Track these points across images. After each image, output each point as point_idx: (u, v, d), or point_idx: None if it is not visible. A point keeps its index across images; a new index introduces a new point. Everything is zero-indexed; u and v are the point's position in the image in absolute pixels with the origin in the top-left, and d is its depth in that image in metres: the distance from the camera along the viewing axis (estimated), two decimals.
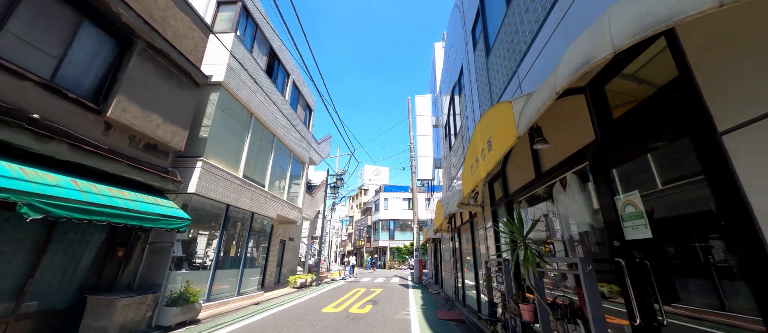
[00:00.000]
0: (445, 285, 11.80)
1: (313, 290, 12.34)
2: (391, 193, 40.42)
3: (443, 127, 11.69)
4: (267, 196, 10.40)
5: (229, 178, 8.20)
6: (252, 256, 10.17)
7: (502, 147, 2.57)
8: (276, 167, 11.48)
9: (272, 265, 12.79)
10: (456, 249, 9.28)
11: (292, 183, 13.14)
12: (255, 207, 9.55)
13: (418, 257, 17.11)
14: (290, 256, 15.56)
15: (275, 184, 11.41)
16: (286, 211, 11.98)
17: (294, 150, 12.90)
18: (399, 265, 34.53)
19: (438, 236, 12.84)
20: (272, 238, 12.82)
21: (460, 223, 8.09)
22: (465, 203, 5.52)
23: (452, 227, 9.60)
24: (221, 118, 8.10)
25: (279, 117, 11.26)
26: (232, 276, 8.60)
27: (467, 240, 7.46)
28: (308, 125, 15.34)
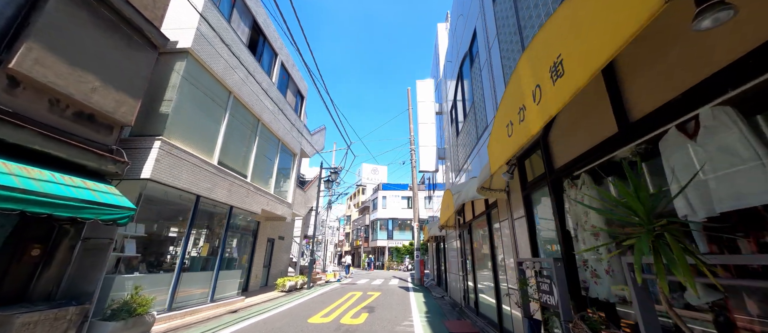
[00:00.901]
0: (450, 288, 10.59)
1: (303, 294, 11.10)
2: (390, 191, 39.19)
3: (449, 112, 10.49)
4: (250, 188, 9.14)
5: (200, 164, 6.95)
6: (231, 256, 8.91)
7: (608, 48, 1.34)
8: (261, 157, 10.23)
9: (258, 267, 11.53)
10: (465, 248, 8.06)
11: (281, 176, 11.89)
12: (234, 200, 8.30)
13: (418, 257, 15.89)
14: (280, 256, 14.30)
15: (260, 175, 10.16)
16: (274, 206, 10.73)
17: (283, 139, 11.65)
18: (398, 266, 33.29)
19: (442, 234, 11.63)
20: (258, 236, 11.57)
21: (472, 218, 6.88)
22: (487, 187, 4.30)
23: (460, 223, 8.39)
24: (190, 94, 6.85)
25: (265, 100, 10.01)
26: (204, 280, 7.34)
27: (482, 237, 6.25)
28: (300, 113, 14.09)
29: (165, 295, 6.11)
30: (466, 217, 7.61)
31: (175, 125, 6.36)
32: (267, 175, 10.69)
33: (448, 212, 6.62)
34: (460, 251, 8.41)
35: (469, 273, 7.53)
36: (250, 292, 10.64)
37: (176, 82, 6.43)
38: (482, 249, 6.31)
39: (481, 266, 6.37)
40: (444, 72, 11.96)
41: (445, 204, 7.10)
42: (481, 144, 5.98)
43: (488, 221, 5.61)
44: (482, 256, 6.30)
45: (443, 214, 7.64)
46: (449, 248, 10.80)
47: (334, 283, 15.82)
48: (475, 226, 6.94)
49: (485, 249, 6.12)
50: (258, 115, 9.70)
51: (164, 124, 6.09)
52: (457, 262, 9.03)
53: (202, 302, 7.16)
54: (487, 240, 5.78)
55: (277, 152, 11.37)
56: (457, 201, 5.61)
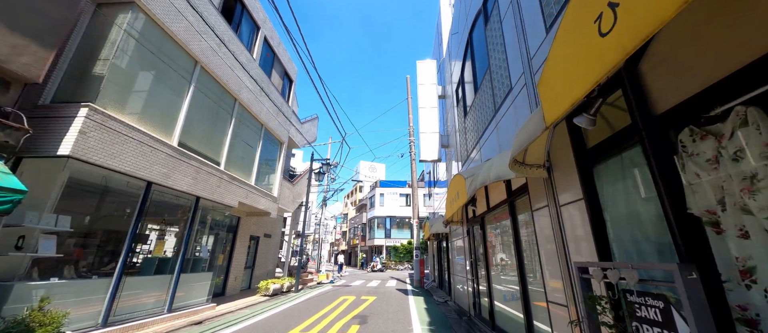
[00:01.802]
0: (455, 293, 9.34)
1: (289, 299, 9.81)
2: (388, 188, 37.94)
3: (454, 93, 9.22)
4: (223, 177, 7.84)
5: (152, 143, 5.64)
6: (199, 256, 7.61)
7: None
8: (239, 142, 8.92)
9: (238, 268, 10.23)
10: (474, 247, 6.81)
11: (264, 166, 10.59)
12: (202, 190, 7.00)
13: (418, 257, 14.63)
14: (267, 255, 13.01)
15: (238, 164, 8.86)
16: (254, 199, 9.43)
17: (267, 124, 10.35)
18: (395, 265, 32.06)
19: (445, 231, 10.38)
20: (239, 233, 10.27)
21: (486, 210, 5.62)
22: (521, 161, 3.04)
23: (468, 218, 7.13)
24: (138, 55, 5.54)
25: (243, 77, 8.70)
26: (160, 285, 6.04)
27: (502, 232, 4.99)
28: (288, 98, 12.78)
29: (98, 307, 4.80)
30: (477, 211, 6.34)
31: (114, 92, 5.05)
32: (247, 164, 9.39)
33: (457, 203, 5.36)
34: (469, 251, 7.15)
35: (481, 277, 6.28)
36: (227, 297, 9.35)
37: (117, 39, 5.11)
38: (501, 247, 5.04)
39: (501, 269, 5.11)
40: (448, 49, 10.68)
41: (452, 193, 5.83)
42: (501, 115, 4.72)
43: (511, 212, 4.34)
44: (502, 256, 5.04)
45: (449, 207, 6.37)
46: (454, 247, 9.55)
47: (327, 285, 14.54)
48: (490, 220, 5.67)
49: (505, 248, 4.86)
50: (234, 93, 8.39)
51: (97, 88, 4.78)
52: (464, 264, 7.77)
53: (156, 312, 5.86)
54: (510, 236, 4.52)
55: (259, 139, 10.06)
56: (471, 187, 4.34)
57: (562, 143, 2.93)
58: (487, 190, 5.59)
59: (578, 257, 2.67)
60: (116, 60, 5.05)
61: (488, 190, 5.58)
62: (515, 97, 4.12)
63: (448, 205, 6.57)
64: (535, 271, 3.76)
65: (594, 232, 2.47)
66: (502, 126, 4.66)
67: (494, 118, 5.08)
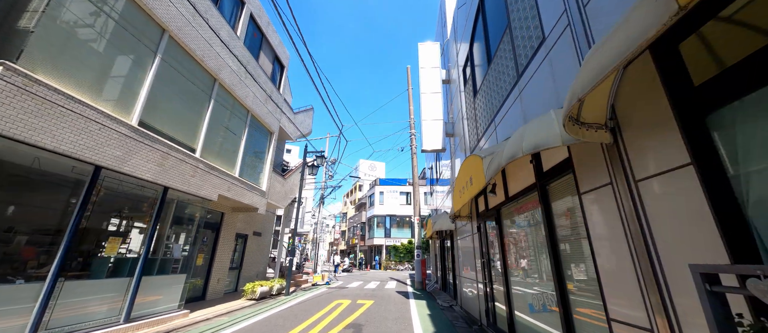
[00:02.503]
0: (462, 297, 8.38)
1: (278, 303, 8.86)
2: (387, 186, 36.99)
3: (461, 73, 8.25)
4: (198, 166, 6.89)
5: (102, 119, 4.69)
6: (170, 255, 6.65)
7: None
8: (220, 128, 7.97)
9: (222, 268, 9.27)
10: (486, 246, 5.85)
11: (251, 157, 9.64)
12: (171, 179, 6.05)
13: (420, 257, 13.68)
14: (256, 255, 12.06)
15: (219, 152, 7.91)
16: (239, 192, 8.48)
17: (254, 111, 9.39)
18: (396, 265, 31.11)
19: (450, 228, 9.42)
20: (222, 230, 9.32)
21: (504, 201, 4.65)
22: (575, 117, 2.08)
23: (480, 212, 6.18)
24: (84, 13, 4.58)
25: (224, 54, 7.74)
26: (114, 290, 5.09)
27: (530, 225, 4.01)
28: (279, 85, 11.83)
29: (24, 319, 3.85)
30: (491, 202, 5.38)
31: (46, 53, 4.09)
32: (230, 153, 8.43)
33: (469, 191, 4.39)
34: (479, 249, 6.19)
35: (496, 279, 5.32)
36: (207, 302, 8.40)
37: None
38: (526, 245, 4.08)
39: (525, 271, 4.14)
40: (453, 27, 9.72)
41: (463, 179, 4.87)
42: (526, 80, 3.77)
43: (543, 199, 3.38)
44: (526, 255, 4.07)
45: (458, 199, 5.42)
46: (460, 246, 8.59)
47: (322, 287, 13.59)
48: (508, 212, 4.71)
49: (533, 245, 3.90)
50: (213, 71, 7.43)
51: (20, 45, 3.83)
52: (474, 264, 6.82)
53: (110, 323, 4.91)
54: (538, 229, 3.57)
55: (244, 126, 9.11)
56: (491, 167, 3.39)
57: (642, 88, 1.97)
58: (505, 176, 4.64)
59: (678, 255, 1.71)
60: (51, 13, 4.09)
61: (506, 177, 4.63)
62: (550, 48, 3.17)
63: (457, 196, 5.61)
64: (580, 274, 2.81)
65: (717, 217, 1.51)
66: (529, 92, 3.70)
67: (516, 85, 4.12)
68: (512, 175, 4.37)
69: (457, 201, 5.58)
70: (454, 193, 5.94)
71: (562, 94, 2.93)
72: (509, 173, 4.52)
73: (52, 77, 4.12)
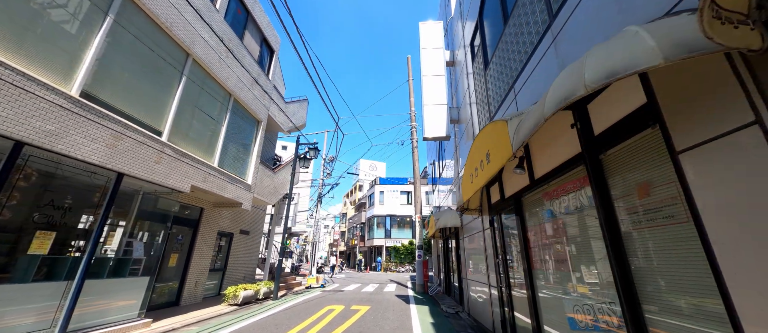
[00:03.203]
0: (469, 302, 7.39)
1: (263, 308, 7.89)
2: (387, 185, 36.01)
3: (469, 47, 7.28)
4: (164, 151, 5.95)
5: (24, 83, 3.75)
6: (128, 255, 5.69)
7: None
8: (193, 110, 7.03)
9: (199, 270, 8.31)
10: (505, 242, 4.87)
11: (237, 147, 8.70)
12: (126, 164, 5.10)
13: (421, 258, 12.68)
14: (244, 256, 11.10)
15: (193, 137, 6.97)
16: (217, 184, 7.53)
17: (237, 95, 8.45)
18: (396, 267, 30.09)
19: (455, 225, 8.42)
20: (201, 228, 8.36)
21: (529, 184, 3.68)
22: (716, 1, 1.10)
23: (492, 203, 5.22)
24: None
25: (199, 27, 6.81)
26: (45, 296, 4.13)
27: (569, 210, 3.01)
28: (267, 70, 10.89)
29: None
30: (507, 190, 4.41)
31: None
32: (207, 139, 7.49)
33: (487, 170, 3.41)
34: (493, 247, 5.21)
35: (516, 284, 4.33)
36: (182, 308, 7.44)
37: None
38: (566, 238, 3.08)
39: (561, 274, 3.15)
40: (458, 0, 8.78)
41: (475, 159, 3.89)
42: (561, 23, 2.81)
43: (595, 174, 2.41)
44: (568, 252, 3.08)
45: (470, 185, 4.44)
46: (468, 245, 7.60)
47: (316, 290, 12.61)
48: (535, 199, 3.72)
49: (574, 238, 2.92)
50: (184, 44, 6.49)
51: None
52: (484, 266, 5.83)
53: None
54: (587, 219, 2.60)
55: (225, 111, 8.16)
56: (521, 132, 2.42)
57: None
58: (529, 155, 3.66)
59: None
60: None
61: (530, 155, 3.66)
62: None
63: (466, 183, 4.64)
64: (663, 278, 1.83)
65: None
66: (572, 31, 2.74)
67: (548, 30, 3.15)
68: (540, 151, 3.40)
69: (467, 188, 4.61)
70: (464, 179, 4.97)
71: (631, 17, 1.97)
72: (535, 149, 3.54)
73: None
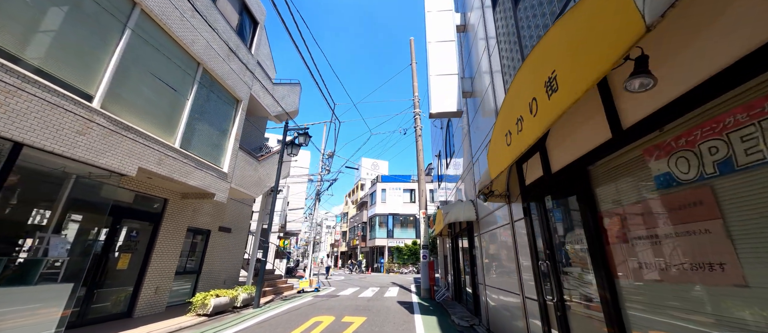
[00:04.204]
0: (489, 315, 5.92)
1: (235, 321, 6.51)
2: (390, 183, 34.61)
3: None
4: (95, 119, 4.58)
5: None
6: (37, 256, 4.31)
7: None
8: (145, 76, 5.66)
9: (161, 274, 6.92)
10: (551, 236, 3.43)
11: (208, 127, 7.32)
12: (28, 131, 3.73)
13: (427, 259, 11.25)
14: (224, 257, 9.73)
15: (146, 110, 5.61)
16: (179, 169, 6.16)
17: (208, 65, 7.09)
18: (399, 268, 28.65)
19: (469, 219, 6.97)
20: (164, 223, 6.98)
21: (611, 138, 2.26)
22: None
23: (531, 184, 3.79)
24: None
25: None
26: None
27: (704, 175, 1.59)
28: (250, 44, 9.52)
29: None
30: (556, 161, 2.98)
31: None
32: (165, 114, 6.12)
33: (556, 105, 1.99)
34: (533, 246, 3.75)
35: (579, 299, 2.88)
36: (134, 320, 6.07)
37: None
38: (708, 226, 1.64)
39: (707, 290, 1.71)
40: None
41: (517, 103, 2.46)
42: None
43: None
44: (709, 248, 1.64)
45: (505, 152, 3.00)
46: (486, 244, 6.14)
47: (309, 295, 11.21)
48: (618, 166, 2.27)
49: (735, 226, 1.47)
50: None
51: None
52: (516, 269, 4.38)
53: None
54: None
55: (191, 82, 6.79)
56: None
57: None
58: (607, 102, 2.23)
59: None
60: None
61: (613, 99, 2.23)
62: None
63: (498, 147, 3.22)
64: None
65: None
66: None
67: None
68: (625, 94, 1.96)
69: (499, 157, 3.17)
70: (491, 149, 3.53)
71: None
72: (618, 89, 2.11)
73: None
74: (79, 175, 4.99)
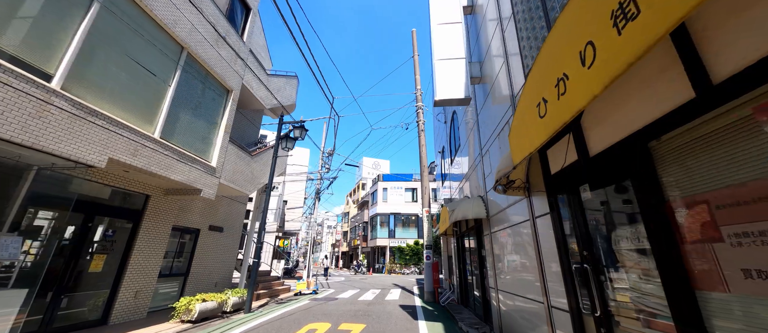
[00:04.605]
0: (503, 324, 5.30)
1: (228, 325, 5.93)
2: (391, 182, 33.98)
3: None
4: (54, 101, 4.00)
5: None
6: None
7: None
8: (121, 58, 5.09)
9: (142, 277, 6.35)
10: (593, 238, 2.82)
11: (193, 118, 6.75)
12: None
13: (430, 259, 10.64)
14: (215, 258, 9.16)
15: (118, 93, 5.04)
16: (158, 162, 5.58)
17: (193, 50, 6.52)
18: (401, 269, 28.04)
19: (479, 216, 6.34)
20: (144, 220, 6.42)
21: (698, 95, 1.67)
22: None
23: (558, 172, 3.18)
24: None
25: None
26: None
27: None
28: (241, 30, 8.94)
29: None
30: (598, 138, 2.37)
31: None
32: (142, 100, 5.54)
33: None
34: (563, 246, 3.14)
35: (628, 311, 2.27)
36: (110, 328, 5.50)
37: None
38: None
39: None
40: None
41: (553, 65, 1.86)
42: None
43: None
44: None
45: (536, 129, 2.39)
46: (500, 243, 5.51)
47: (306, 298, 10.63)
48: (711, 132, 1.68)
49: None
50: None
51: None
52: (540, 273, 3.76)
53: None
54: None
55: (174, 67, 6.22)
56: None
57: None
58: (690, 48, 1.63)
59: None
60: None
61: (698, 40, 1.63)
62: None
63: (525, 124, 2.62)
64: None
65: None
66: None
67: None
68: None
69: (526, 135, 2.56)
70: (514, 130, 2.93)
71: None
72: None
73: None
74: (41, 166, 4.43)
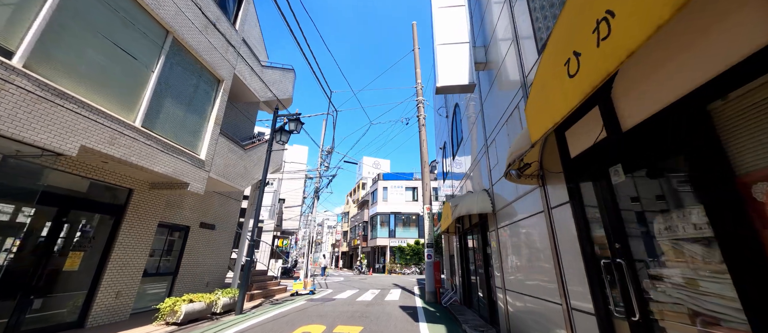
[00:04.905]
0: (511, 327, 4.88)
1: (214, 328, 5.53)
2: (391, 181, 33.57)
3: None
4: (15, 81, 3.60)
5: None
6: None
7: None
8: (96, 38, 4.69)
9: (124, 276, 5.95)
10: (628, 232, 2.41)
11: (181, 108, 6.35)
12: None
13: (432, 259, 10.22)
14: (207, 257, 8.76)
15: (94, 77, 4.64)
16: (139, 152, 5.18)
17: (180, 35, 6.12)
18: (401, 269, 27.62)
19: (484, 211, 5.92)
20: (127, 216, 6.02)
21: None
22: None
23: (580, 154, 2.76)
24: None
25: None
26: None
27: None
28: (233, 18, 8.54)
29: None
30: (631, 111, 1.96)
31: None
32: (123, 85, 5.14)
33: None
34: (585, 239, 2.73)
35: (676, 314, 1.86)
36: (87, 331, 5.10)
37: None
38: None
39: None
40: None
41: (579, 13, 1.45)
42: None
43: None
44: None
45: (564, 88, 1.98)
46: (507, 239, 5.09)
47: (302, 298, 10.22)
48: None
49: None
50: None
51: None
52: (558, 272, 3.35)
53: None
54: None
55: (158, 52, 5.82)
56: None
57: None
58: None
59: None
60: None
61: None
62: None
63: (547, 91, 2.19)
64: None
65: None
66: None
67: None
68: None
69: (550, 102, 2.14)
70: (531, 101, 2.51)
71: None
72: None
73: None
74: (6, 153, 4.04)
